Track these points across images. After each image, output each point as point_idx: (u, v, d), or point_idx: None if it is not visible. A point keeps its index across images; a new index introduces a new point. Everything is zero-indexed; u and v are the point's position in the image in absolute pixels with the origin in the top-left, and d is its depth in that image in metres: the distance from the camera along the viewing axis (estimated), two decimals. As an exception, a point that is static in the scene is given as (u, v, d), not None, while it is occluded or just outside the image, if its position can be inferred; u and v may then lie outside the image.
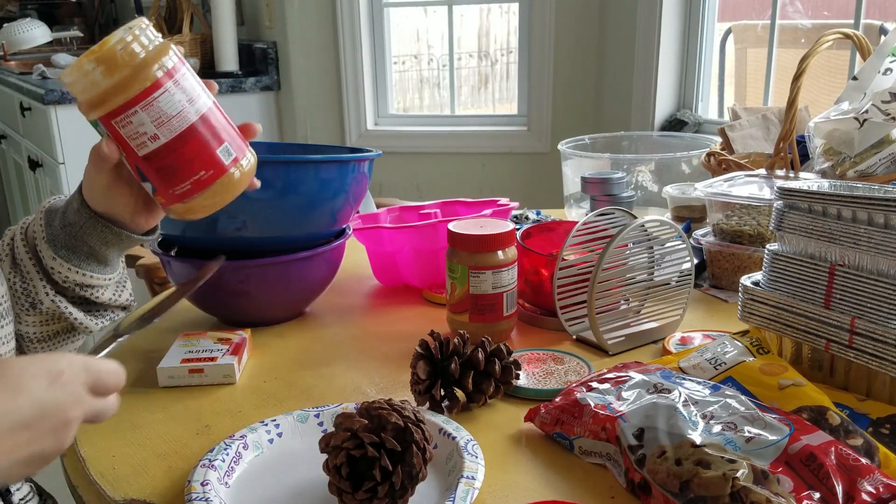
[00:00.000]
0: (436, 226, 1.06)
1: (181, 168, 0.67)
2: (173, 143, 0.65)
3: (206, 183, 0.68)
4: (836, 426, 0.63)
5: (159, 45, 0.64)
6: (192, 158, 0.67)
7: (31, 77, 2.80)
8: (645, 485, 0.60)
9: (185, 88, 0.65)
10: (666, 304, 0.95)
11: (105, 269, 0.78)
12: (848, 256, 0.71)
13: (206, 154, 0.67)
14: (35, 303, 0.76)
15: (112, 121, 0.64)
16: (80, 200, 0.74)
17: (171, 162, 0.66)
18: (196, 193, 0.68)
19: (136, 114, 0.63)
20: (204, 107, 0.67)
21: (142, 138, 0.65)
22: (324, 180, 0.93)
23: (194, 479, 0.63)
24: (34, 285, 0.76)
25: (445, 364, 0.76)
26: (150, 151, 0.65)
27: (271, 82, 2.68)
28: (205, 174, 0.67)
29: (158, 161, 0.66)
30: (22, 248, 0.76)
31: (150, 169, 0.67)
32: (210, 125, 0.67)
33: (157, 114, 0.64)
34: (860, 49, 1.20)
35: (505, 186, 2.53)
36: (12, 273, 0.76)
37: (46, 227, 0.76)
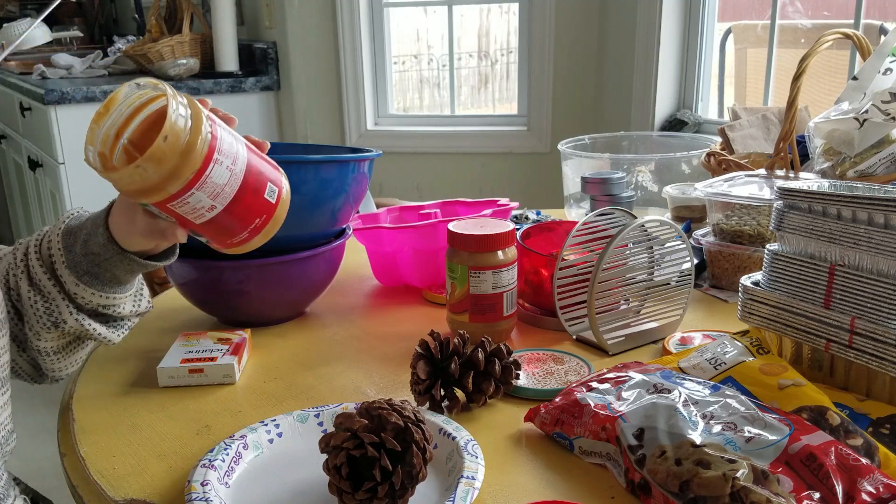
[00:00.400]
0: (436, 226, 1.06)
1: (238, 224, 0.68)
2: (229, 207, 0.66)
3: (261, 227, 0.70)
4: (836, 426, 0.63)
5: (195, 116, 0.63)
6: (247, 213, 0.68)
7: (31, 77, 2.81)
8: (645, 485, 0.60)
9: (226, 152, 0.65)
10: (666, 304, 0.95)
11: (126, 288, 0.78)
12: (848, 256, 0.71)
13: (257, 204, 0.69)
14: (58, 322, 0.75)
15: (168, 205, 0.64)
16: (107, 236, 0.73)
17: (228, 222, 0.68)
18: (253, 238, 0.70)
19: (193, 195, 0.64)
20: (243, 160, 0.67)
21: (199, 212, 0.66)
22: (324, 180, 0.93)
23: (194, 479, 0.63)
24: (57, 305, 0.75)
25: (445, 364, 0.76)
26: (208, 220, 0.67)
27: (271, 82, 2.68)
28: (259, 221, 0.69)
29: (216, 225, 0.68)
30: (40, 270, 0.75)
31: (207, 231, 0.69)
32: (254, 175, 0.68)
33: (212, 188, 0.64)
34: (860, 49, 1.20)
35: (505, 186, 2.53)
36: (31, 292, 0.75)
37: (66, 252, 0.74)
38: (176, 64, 2.58)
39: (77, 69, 2.89)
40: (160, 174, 0.61)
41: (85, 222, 0.75)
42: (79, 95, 2.40)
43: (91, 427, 0.77)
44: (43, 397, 2.59)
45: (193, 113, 0.63)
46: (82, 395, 0.84)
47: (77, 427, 0.77)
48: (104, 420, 0.78)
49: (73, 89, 2.40)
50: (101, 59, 3.03)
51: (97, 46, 3.62)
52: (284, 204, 0.72)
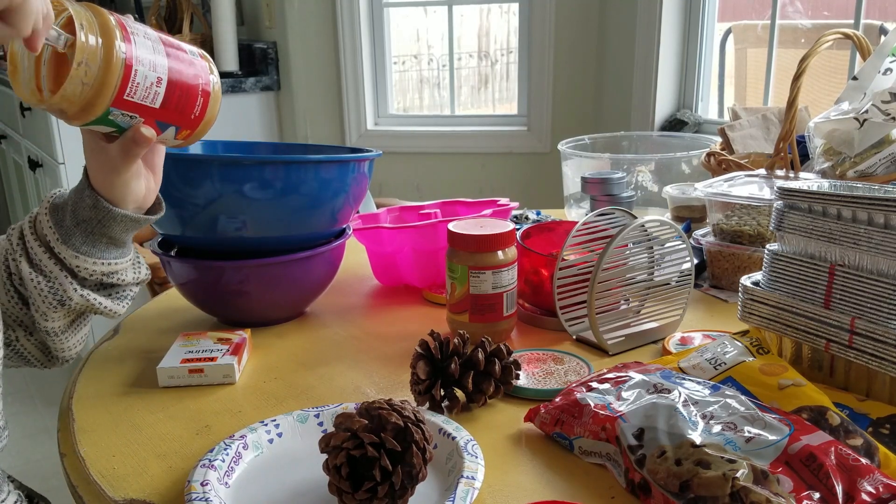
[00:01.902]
0: (436, 226, 1.06)
1: (189, 92, 0.71)
2: (171, 75, 0.69)
3: (207, 88, 0.73)
4: (836, 426, 0.63)
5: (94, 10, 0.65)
6: (189, 78, 0.71)
7: (31, 77, 2.80)
8: (645, 485, 0.60)
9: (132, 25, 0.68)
10: (666, 304, 0.95)
11: (123, 252, 0.79)
12: (848, 256, 0.71)
13: (193, 67, 0.72)
14: (64, 300, 0.76)
15: (124, 97, 0.66)
16: (94, 197, 0.74)
17: (181, 91, 0.70)
18: (208, 102, 0.73)
19: (137, 72, 0.66)
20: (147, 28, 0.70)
21: (152, 90, 0.68)
22: (324, 180, 0.93)
23: (194, 479, 0.63)
24: (60, 283, 0.75)
25: (445, 364, 0.76)
26: (163, 96, 0.69)
27: (271, 82, 2.68)
28: (202, 81, 0.72)
29: (172, 99, 0.70)
30: (39, 250, 0.76)
31: (169, 112, 0.70)
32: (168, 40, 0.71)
33: (147, 61, 0.67)
34: (860, 49, 1.20)
35: (505, 186, 2.53)
36: (33, 273, 0.75)
37: (58, 228, 0.75)
38: (176, 64, 2.58)
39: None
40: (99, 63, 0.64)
41: (68, 196, 0.77)
42: (79, 95, 2.40)
43: (91, 427, 0.77)
44: (42, 397, 2.59)
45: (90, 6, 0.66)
46: (82, 395, 0.84)
47: (77, 427, 0.77)
48: (104, 420, 0.78)
49: (73, 89, 2.39)
50: (101, 59, 3.02)
51: (97, 46, 3.62)
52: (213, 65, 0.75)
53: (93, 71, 0.63)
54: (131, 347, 0.95)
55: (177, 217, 0.92)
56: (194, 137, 0.75)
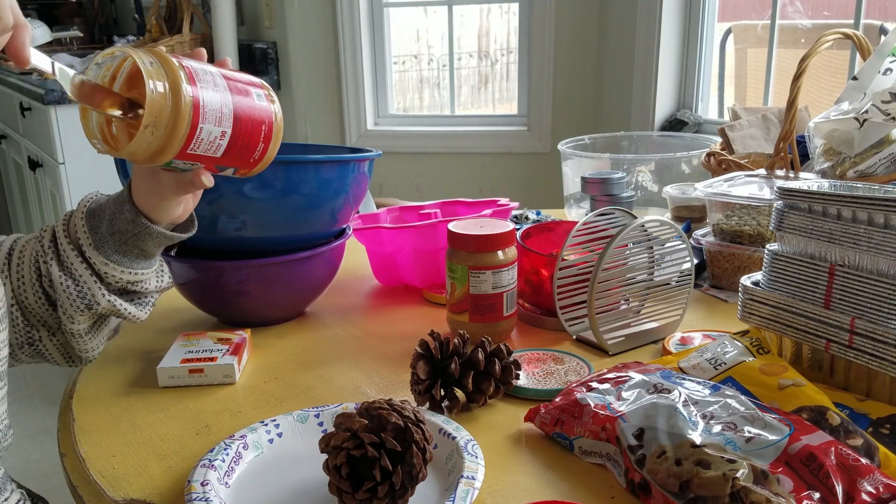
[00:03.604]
0: (436, 226, 1.06)
1: (252, 138, 0.70)
2: (236, 125, 0.68)
3: (270, 131, 0.72)
4: (836, 426, 0.63)
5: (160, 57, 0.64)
6: (253, 122, 0.70)
7: (31, 77, 2.81)
8: (645, 485, 0.60)
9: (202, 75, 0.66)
10: (666, 304, 0.95)
11: (151, 263, 0.80)
12: (848, 256, 0.71)
13: (255, 111, 0.70)
14: (91, 304, 0.76)
15: (188, 150, 0.66)
16: (134, 212, 0.74)
17: (243, 139, 0.69)
18: (269, 145, 0.72)
19: (202, 129, 0.65)
20: (218, 74, 0.69)
21: (215, 144, 0.67)
22: (324, 180, 0.93)
23: (194, 479, 0.63)
24: (89, 288, 0.76)
25: (445, 364, 0.76)
26: (226, 147, 0.68)
27: (271, 82, 2.68)
28: (265, 127, 0.71)
29: (233, 148, 0.69)
30: (72, 254, 0.76)
31: (229, 159, 0.70)
32: (234, 83, 0.69)
33: (213, 114, 0.66)
34: (860, 49, 1.20)
35: (505, 186, 2.53)
36: (63, 276, 0.76)
37: (92, 234, 0.76)
38: (176, 64, 2.58)
39: (77, 69, 2.88)
40: (166, 124, 0.63)
41: (107, 203, 0.77)
42: (79, 95, 2.40)
43: (91, 427, 0.77)
44: (43, 397, 2.59)
45: (157, 55, 0.65)
46: (82, 395, 0.84)
47: (77, 427, 0.77)
48: (104, 420, 0.78)
49: (73, 89, 2.39)
50: (101, 59, 3.02)
51: (97, 46, 3.62)
52: (275, 100, 0.73)
53: (160, 129, 0.63)
54: (131, 347, 0.95)
55: (177, 217, 0.92)
56: (252, 174, 0.74)
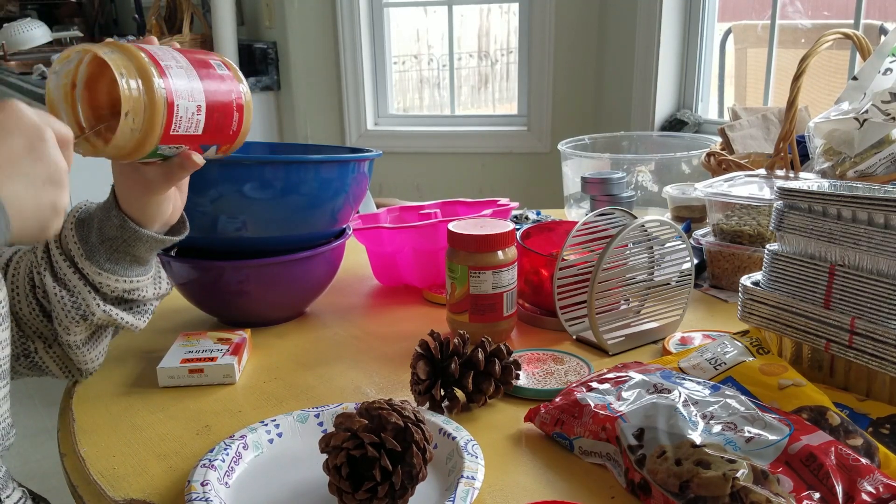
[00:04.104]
0: (436, 226, 1.06)
1: (225, 108, 0.72)
2: (208, 98, 0.70)
3: (240, 100, 0.74)
4: (836, 426, 0.63)
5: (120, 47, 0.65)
6: (222, 94, 0.71)
7: (31, 77, 2.80)
8: (645, 485, 0.60)
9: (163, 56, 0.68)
10: (666, 305, 0.95)
11: (146, 269, 0.79)
12: (848, 256, 0.71)
13: (221, 81, 0.72)
14: (87, 315, 0.76)
15: (171, 132, 0.67)
16: (121, 217, 0.74)
17: (218, 111, 0.71)
18: (243, 117, 0.74)
19: (179, 106, 0.67)
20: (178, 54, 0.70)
21: (193, 119, 0.69)
22: (324, 180, 0.93)
23: (194, 479, 0.63)
24: (84, 298, 0.75)
25: (445, 364, 0.76)
26: (204, 122, 0.70)
27: (271, 82, 2.68)
28: (234, 95, 0.73)
29: (211, 122, 0.71)
30: (64, 265, 0.75)
31: (210, 135, 0.71)
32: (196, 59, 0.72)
33: (185, 91, 0.67)
34: (860, 49, 1.20)
35: (505, 186, 2.53)
36: (57, 287, 0.75)
37: (82, 244, 0.75)
38: (176, 64, 2.58)
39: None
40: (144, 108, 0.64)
41: (94, 212, 0.77)
42: (79, 95, 2.40)
43: (91, 427, 0.77)
44: (43, 397, 2.59)
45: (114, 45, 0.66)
46: (82, 395, 0.84)
47: (77, 427, 0.77)
48: (104, 420, 0.78)
49: (73, 89, 2.39)
50: (101, 59, 3.02)
51: (97, 46, 3.62)
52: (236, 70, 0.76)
53: (140, 118, 0.64)
54: (131, 347, 0.95)
55: (177, 217, 0.92)
56: (233, 149, 0.76)
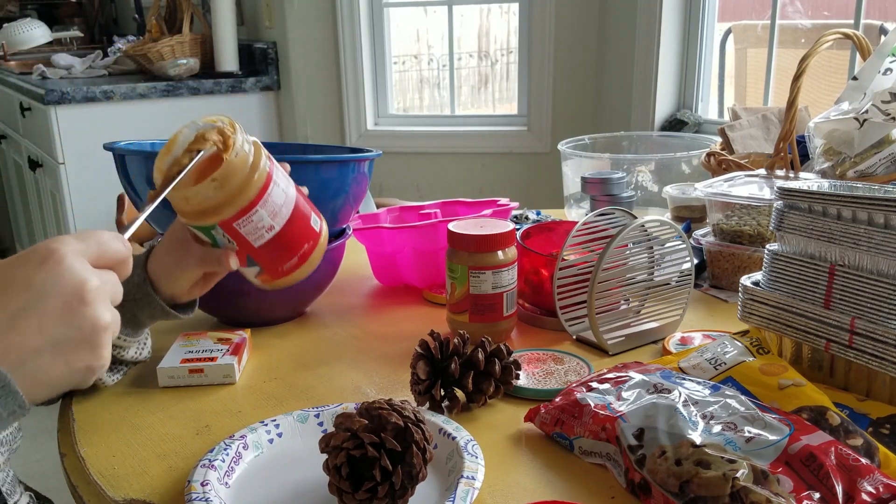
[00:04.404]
0: (436, 226, 1.06)
1: (291, 246, 0.72)
2: (285, 228, 0.70)
3: (309, 253, 0.74)
4: (836, 426, 0.63)
5: (253, 142, 0.68)
6: (299, 235, 0.72)
7: (31, 77, 2.80)
8: (645, 485, 0.60)
9: (281, 176, 0.70)
10: (666, 305, 0.95)
11: (138, 333, 0.79)
12: (848, 256, 0.71)
13: (306, 228, 0.73)
14: None
15: (234, 223, 0.68)
16: (144, 276, 0.75)
17: (284, 244, 0.71)
18: (301, 265, 0.74)
19: (257, 212, 0.68)
20: (293, 186, 0.72)
21: (260, 232, 0.69)
22: (324, 180, 0.93)
23: (194, 479, 0.63)
24: None
25: (445, 364, 0.76)
26: (266, 242, 0.70)
27: (271, 82, 2.68)
28: (307, 246, 0.73)
29: (272, 247, 0.71)
30: None
31: (262, 255, 0.71)
32: (301, 202, 0.73)
33: (272, 207, 0.69)
34: (860, 49, 1.20)
35: (505, 186, 2.53)
36: None
37: None
38: (176, 64, 2.58)
39: (77, 69, 2.89)
40: (230, 189, 0.65)
41: None
42: (79, 96, 2.40)
43: (91, 427, 0.77)
44: (43, 397, 2.58)
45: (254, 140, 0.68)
46: (82, 395, 0.84)
47: (77, 427, 0.77)
48: (104, 420, 0.78)
49: (73, 89, 2.40)
50: (101, 60, 3.03)
51: (97, 46, 3.62)
52: (325, 235, 0.76)
53: (224, 189, 0.65)
54: (131, 347, 0.95)
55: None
56: (272, 285, 0.75)
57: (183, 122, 0.70)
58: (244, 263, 0.72)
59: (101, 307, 0.47)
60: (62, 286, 0.46)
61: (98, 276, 0.48)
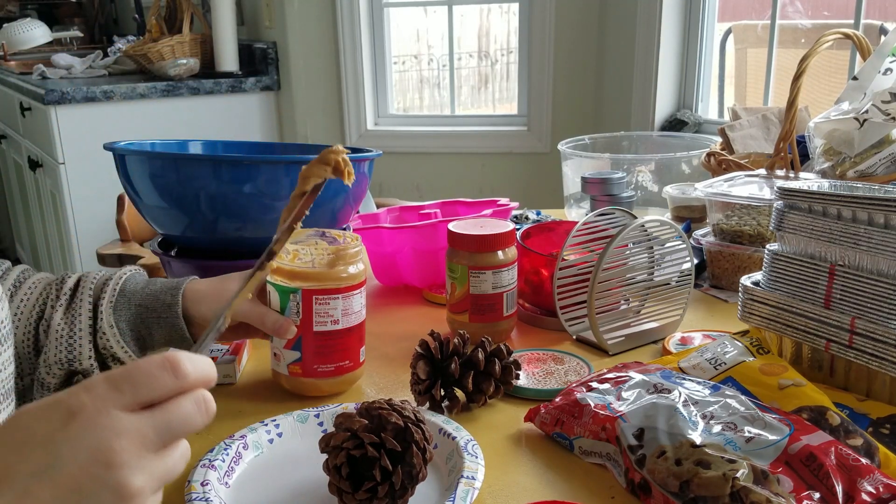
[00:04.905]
0: (436, 226, 1.06)
1: (336, 353, 0.78)
2: (343, 332, 0.78)
3: (345, 370, 0.79)
4: (836, 426, 0.63)
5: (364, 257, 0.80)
6: (347, 348, 0.79)
7: (31, 77, 2.81)
8: (645, 485, 0.60)
9: (363, 294, 0.80)
10: (666, 304, 0.95)
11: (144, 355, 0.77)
12: (848, 256, 0.71)
13: (355, 349, 0.80)
14: (73, 360, 0.74)
15: (315, 297, 0.76)
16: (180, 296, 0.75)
17: (333, 345, 0.78)
18: (332, 376, 0.79)
19: (338, 299, 0.76)
20: (364, 313, 0.81)
21: (326, 319, 0.77)
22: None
23: (194, 479, 0.63)
24: (80, 343, 0.73)
25: (445, 364, 0.76)
26: (323, 331, 0.77)
27: (271, 82, 2.68)
28: (347, 363, 0.79)
29: (323, 341, 0.77)
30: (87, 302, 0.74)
31: (311, 344, 0.77)
32: (363, 328, 0.81)
33: (348, 306, 0.77)
34: (860, 49, 1.20)
35: (505, 186, 2.53)
36: (63, 322, 0.73)
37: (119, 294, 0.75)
38: (176, 64, 2.58)
39: (77, 69, 2.89)
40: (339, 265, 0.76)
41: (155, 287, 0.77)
42: (79, 96, 2.40)
43: (91, 427, 0.76)
44: (43, 397, 2.59)
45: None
46: (82, 395, 0.83)
47: (77, 427, 0.77)
48: (104, 420, 0.78)
49: (73, 89, 2.40)
50: (101, 59, 3.03)
51: (97, 46, 3.63)
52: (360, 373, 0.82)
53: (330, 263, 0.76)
54: (131, 347, 0.95)
55: (177, 217, 0.92)
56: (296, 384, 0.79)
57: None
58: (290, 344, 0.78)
59: (130, 471, 0.40)
60: (85, 450, 0.40)
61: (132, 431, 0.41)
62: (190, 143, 1.15)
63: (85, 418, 0.40)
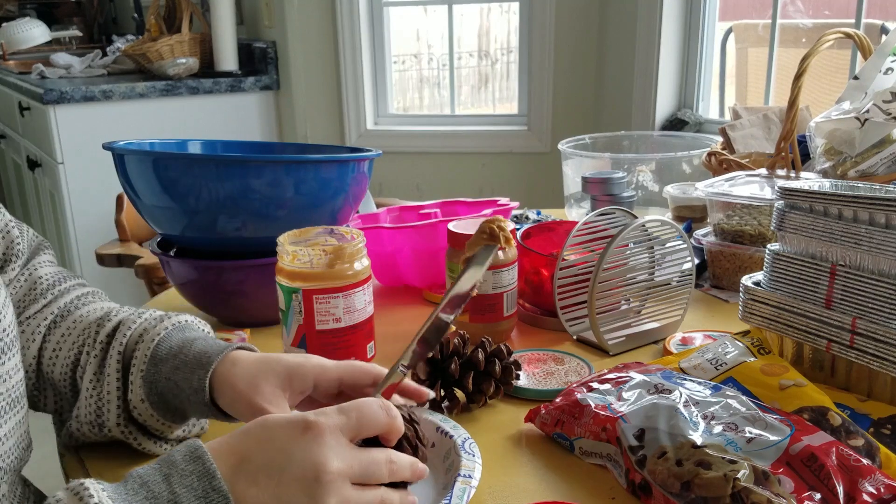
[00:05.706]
0: (436, 226, 1.06)
1: (340, 350, 0.80)
2: (347, 329, 0.80)
3: None
4: (837, 427, 0.63)
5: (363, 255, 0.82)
6: (353, 345, 0.81)
7: (30, 76, 2.80)
8: (645, 485, 0.60)
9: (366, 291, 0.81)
10: (667, 305, 0.95)
11: (183, 423, 0.70)
12: (849, 256, 0.71)
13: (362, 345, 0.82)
14: (102, 425, 0.67)
15: (315, 296, 0.78)
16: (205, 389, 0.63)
17: (337, 343, 0.80)
18: None
19: (337, 298, 0.79)
20: (371, 308, 0.83)
21: (326, 317, 0.79)
22: (324, 180, 0.93)
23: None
24: (109, 410, 0.67)
25: (445, 364, 0.76)
26: (326, 329, 0.79)
27: (271, 82, 2.68)
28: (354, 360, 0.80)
29: (326, 339, 0.80)
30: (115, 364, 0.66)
31: (315, 342, 0.80)
32: (370, 324, 0.83)
33: (349, 303, 0.79)
34: (861, 48, 1.20)
35: (505, 186, 2.53)
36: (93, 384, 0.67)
37: (150, 364, 0.66)
38: (175, 63, 2.58)
39: (76, 69, 2.89)
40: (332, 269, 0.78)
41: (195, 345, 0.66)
42: (78, 95, 2.40)
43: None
44: (42, 397, 2.58)
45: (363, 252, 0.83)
46: (81, 395, 0.83)
47: (76, 427, 0.76)
48: (103, 420, 0.78)
49: (72, 89, 2.39)
50: (100, 59, 3.03)
51: (96, 46, 3.62)
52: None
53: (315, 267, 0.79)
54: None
55: (176, 217, 0.92)
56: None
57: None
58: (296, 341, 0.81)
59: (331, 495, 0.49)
60: (307, 461, 0.49)
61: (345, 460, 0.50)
62: (189, 142, 1.15)
63: (317, 432, 0.50)
